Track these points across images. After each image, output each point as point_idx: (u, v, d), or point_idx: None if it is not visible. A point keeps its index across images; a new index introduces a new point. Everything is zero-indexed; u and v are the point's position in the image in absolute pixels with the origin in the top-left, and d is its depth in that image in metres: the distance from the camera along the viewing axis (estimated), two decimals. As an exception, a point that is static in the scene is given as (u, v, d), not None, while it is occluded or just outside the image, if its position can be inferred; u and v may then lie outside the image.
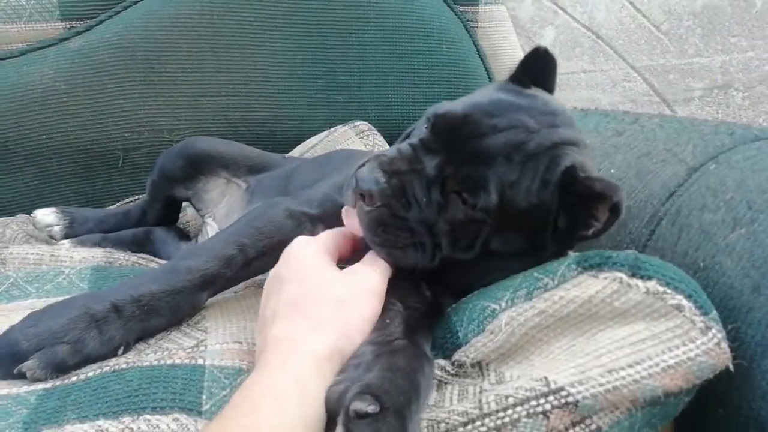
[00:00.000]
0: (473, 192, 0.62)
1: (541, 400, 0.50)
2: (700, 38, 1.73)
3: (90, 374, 0.58)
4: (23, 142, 1.17)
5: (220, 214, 1.07)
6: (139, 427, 0.50)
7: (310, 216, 0.74)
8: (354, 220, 0.64)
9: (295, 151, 1.26)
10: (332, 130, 1.27)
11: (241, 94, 1.27)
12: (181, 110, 1.24)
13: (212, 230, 1.06)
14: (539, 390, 0.51)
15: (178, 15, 1.22)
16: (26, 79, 1.16)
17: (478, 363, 0.58)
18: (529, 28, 1.66)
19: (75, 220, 1.10)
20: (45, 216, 1.09)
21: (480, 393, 0.54)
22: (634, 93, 1.75)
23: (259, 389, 0.49)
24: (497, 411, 0.51)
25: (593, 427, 0.50)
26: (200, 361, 0.59)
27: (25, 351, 0.57)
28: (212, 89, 1.26)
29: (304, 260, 0.60)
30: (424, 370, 0.54)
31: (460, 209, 0.62)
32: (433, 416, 0.52)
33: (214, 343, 0.63)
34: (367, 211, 0.62)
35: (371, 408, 0.46)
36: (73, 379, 0.57)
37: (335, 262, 0.62)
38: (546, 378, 0.52)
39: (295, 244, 0.63)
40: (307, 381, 0.50)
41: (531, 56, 0.73)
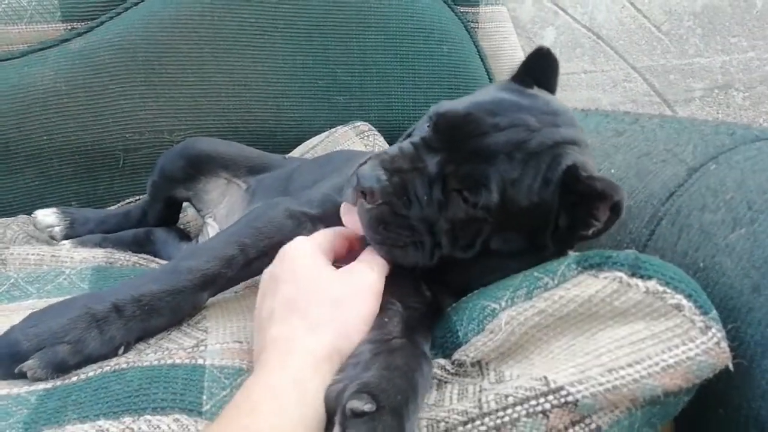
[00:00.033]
0: (474, 190, 0.62)
1: (541, 400, 0.50)
2: (701, 38, 1.73)
3: (90, 374, 0.58)
4: (24, 142, 1.17)
5: (221, 215, 1.07)
6: (140, 428, 0.50)
7: (310, 216, 0.74)
8: (353, 218, 0.64)
9: (296, 152, 1.26)
10: (333, 130, 1.27)
11: (241, 95, 1.27)
12: (182, 111, 1.24)
13: (213, 230, 1.06)
14: (539, 389, 0.51)
15: (179, 16, 1.23)
16: (27, 80, 1.17)
17: (478, 362, 0.58)
18: (529, 29, 1.66)
19: (76, 221, 1.10)
20: (46, 216, 1.09)
21: (480, 392, 0.54)
22: (635, 93, 1.75)
23: (259, 389, 0.49)
24: (497, 410, 0.51)
25: (593, 427, 0.50)
26: (200, 361, 0.59)
27: (25, 351, 0.57)
28: (213, 90, 1.26)
29: (300, 259, 0.60)
30: (422, 369, 0.54)
31: (461, 208, 0.62)
32: (432, 415, 0.52)
33: (215, 342, 0.63)
34: (368, 208, 0.62)
35: (368, 407, 0.46)
36: (74, 379, 0.57)
37: (331, 261, 0.62)
38: (546, 377, 0.52)
39: (290, 244, 0.63)
40: (307, 381, 0.50)
41: (533, 56, 0.73)
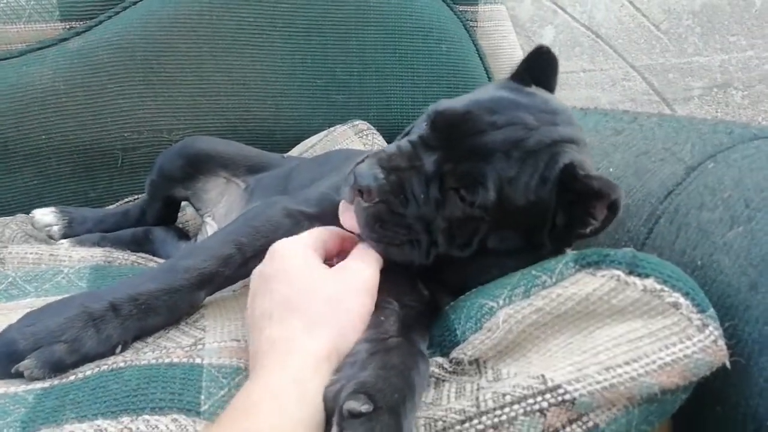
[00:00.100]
0: (471, 188, 0.62)
1: (538, 398, 0.50)
2: (700, 37, 1.73)
3: (88, 373, 0.57)
4: (22, 142, 1.17)
5: (220, 214, 1.07)
6: (138, 428, 0.50)
7: (307, 215, 0.74)
8: (351, 216, 0.64)
9: (294, 151, 1.26)
10: (331, 129, 1.27)
11: (240, 94, 1.27)
12: (181, 110, 1.24)
13: (211, 230, 1.06)
14: (536, 388, 0.51)
15: (177, 15, 1.22)
16: (25, 80, 1.17)
17: (476, 360, 0.58)
18: (528, 28, 1.66)
19: (74, 220, 1.10)
20: (44, 216, 1.09)
21: (477, 390, 0.54)
22: (634, 92, 1.75)
23: (259, 390, 0.49)
24: (494, 409, 0.51)
25: (590, 425, 0.50)
26: (198, 360, 0.59)
27: (22, 350, 0.57)
28: (211, 89, 1.26)
29: (291, 258, 0.60)
30: (419, 367, 0.54)
31: (458, 206, 0.62)
32: (430, 414, 0.52)
33: (212, 341, 0.63)
34: (365, 207, 0.62)
35: (365, 407, 0.46)
36: (72, 378, 0.57)
37: (322, 259, 0.62)
38: (543, 376, 0.52)
39: (280, 242, 0.62)
40: (307, 381, 0.49)
41: (533, 55, 0.73)
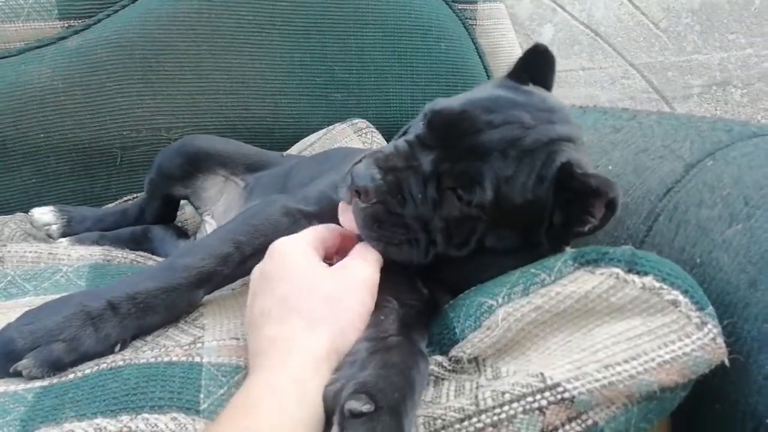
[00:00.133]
0: (468, 188, 0.62)
1: (538, 396, 0.50)
2: (699, 35, 1.73)
3: (87, 372, 0.57)
4: (21, 140, 1.17)
5: (219, 212, 1.07)
6: (138, 426, 0.50)
7: (306, 213, 0.74)
8: (349, 217, 0.64)
9: (293, 149, 1.26)
10: (330, 128, 1.27)
11: (239, 93, 1.27)
12: (179, 109, 1.24)
13: (211, 228, 1.06)
14: (535, 386, 0.51)
15: (176, 14, 1.22)
16: (24, 78, 1.16)
17: (475, 359, 0.58)
18: (527, 26, 1.66)
19: (73, 219, 1.10)
20: (43, 215, 1.09)
21: (476, 389, 0.54)
22: (633, 90, 1.75)
23: (259, 389, 0.49)
24: (493, 407, 0.51)
25: (589, 423, 0.50)
26: (197, 359, 0.59)
27: (20, 349, 0.57)
28: (210, 88, 1.25)
29: (291, 257, 0.60)
30: (419, 366, 0.54)
31: (456, 206, 0.62)
32: (429, 412, 0.52)
33: (212, 339, 0.63)
34: (363, 207, 0.62)
35: (366, 407, 0.46)
36: (71, 376, 0.57)
37: (321, 258, 0.62)
38: (542, 374, 0.52)
39: (280, 241, 0.62)
40: (307, 380, 0.49)
41: (530, 53, 0.73)
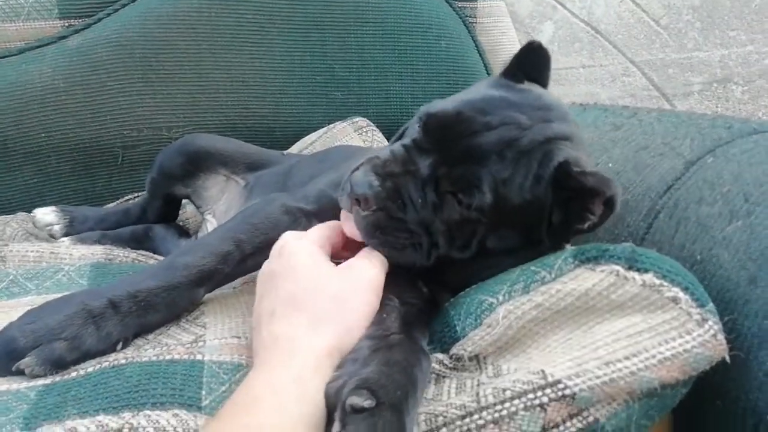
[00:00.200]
0: (467, 192, 0.61)
1: (539, 393, 0.51)
2: (699, 32, 1.73)
3: (89, 370, 0.58)
4: (22, 140, 1.17)
5: (220, 211, 1.07)
6: (139, 423, 0.50)
7: (305, 212, 0.74)
8: (352, 225, 0.63)
9: (294, 148, 1.26)
10: (331, 126, 1.27)
11: (239, 92, 1.27)
12: (180, 108, 1.24)
13: (212, 227, 1.06)
14: (536, 383, 0.51)
15: (176, 13, 1.22)
16: (25, 78, 1.17)
17: (476, 356, 0.58)
18: (527, 24, 1.66)
19: (75, 219, 1.10)
20: (45, 215, 1.09)
21: (478, 386, 0.54)
22: (634, 88, 1.75)
23: (260, 387, 0.49)
24: (495, 404, 0.51)
25: (590, 419, 0.51)
26: (199, 357, 0.59)
27: (22, 348, 0.57)
28: (210, 86, 1.26)
29: (298, 256, 0.60)
30: (421, 364, 0.54)
31: (455, 209, 0.62)
32: (431, 410, 0.52)
33: (213, 338, 0.63)
34: (364, 215, 0.62)
35: (367, 403, 0.46)
36: (73, 374, 0.57)
37: (329, 256, 0.62)
38: (543, 371, 0.52)
39: (287, 240, 0.63)
40: (308, 379, 0.50)
41: (525, 51, 0.73)
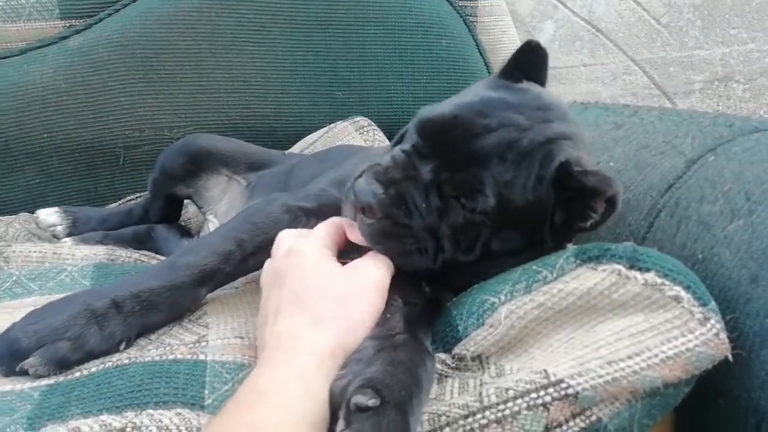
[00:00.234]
0: (471, 196, 0.61)
1: (541, 392, 0.51)
2: (701, 30, 1.73)
3: (93, 370, 0.58)
4: (24, 140, 1.17)
5: (222, 211, 1.07)
6: (142, 422, 0.50)
7: (305, 210, 0.74)
8: (357, 233, 0.63)
9: (295, 148, 1.26)
10: (332, 126, 1.27)
11: (240, 91, 1.27)
12: (181, 107, 1.25)
13: (214, 227, 1.06)
14: (539, 382, 0.51)
15: (177, 13, 1.22)
16: (26, 78, 1.17)
17: (478, 356, 0.58)
18: (528, 23, 1.66)
19: (78, 220, 1.11)
20: (48, 216, 1.09)
21: (480, 386, 0.54)
22: (635, 86, 1.74)
23: (263, 385, 0.49)
24: (498, 404, 0.51)
25: (593, 419, 0.51)
26: (202, 357, 0.59)
27: (26, 348, 0.58)
28: (212, 86, 1.26)
29: (306, 255, 0.60)
30: (425, 365, 0.54)
31: (460, 213, 0.62)
32: (434, 409, 0.52)
33: (216, 338, 0.63)
34: (369, 223, 0.61)
35: (372, 402, 0.46)
36: (77, 374, 0.58)
37: (335, 255, 0.62)
38: (546, 370, 0.52)
39: (292, 239, 0.63)
40: (311, 377, 0.50)
41: (522, 50, 0.72)
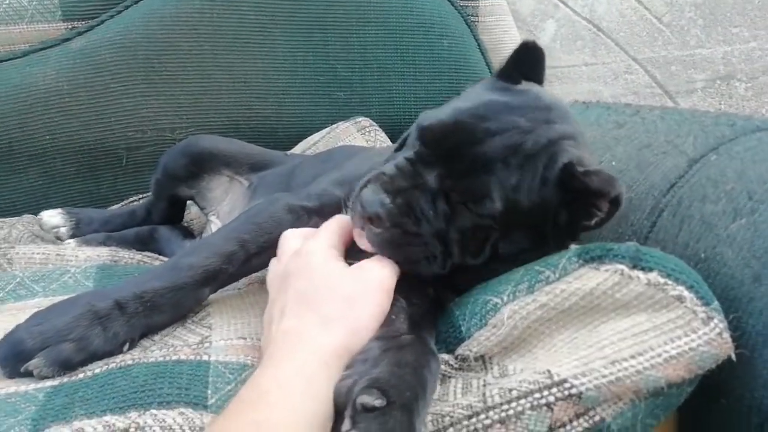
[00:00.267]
0: (478, 202, 0.61)
1: (545, 393, 0.51)
2: (702, 29, 1.72)
3: (97, 371, 0.58)
4: (27, 142, 1.18)
5: (224, 212, 1.08)
6: (146, 422, 0.50)
7: (308, 209, 0.74)
8: (365, 242, 0.62)
9: (297, 148, 1.27)
10: (334, 126, 1.27)
11: (242, 92, 1.27)
12: (183, 109, 1.25)
13: (216, 228, 1.06)
14: (543, 382, 0.51)
15: (178, 14, 1.23)
16: (29, 80, 1.17)
17: (482, 357, 0.58)
18: (529, 22, 1.66)
19: (81, 221, 1.11)
20: (51, 217, 1.09)
21: (484, 386, 0.54)
22: (636, 85, 1.74)
23: (266, 383, 0.49)
24: (501, 404, 0.51)
25: (597, 419, 0.51)
26: (205, 357, 0.59)
27: (30, 350, 0.58)
28: (213, 87, 1.26)
29: (314, 255, 0.60)
30: (430, 366, 0.54)
31: (468, 218, 0.62)
32: (437, 410, 0.52)
33: (219, 339, 0.63)
34: (378, 233, 0.61)
35: (378, 402, 0.46)
36: (80, 375, 0.58)
37: (342, 254, 0.62)
38: (549, 370, 0.52)
39: (298, 240, 0.63)
40: (314, 376, 0.50)
41: (520, 51, 0.71)
